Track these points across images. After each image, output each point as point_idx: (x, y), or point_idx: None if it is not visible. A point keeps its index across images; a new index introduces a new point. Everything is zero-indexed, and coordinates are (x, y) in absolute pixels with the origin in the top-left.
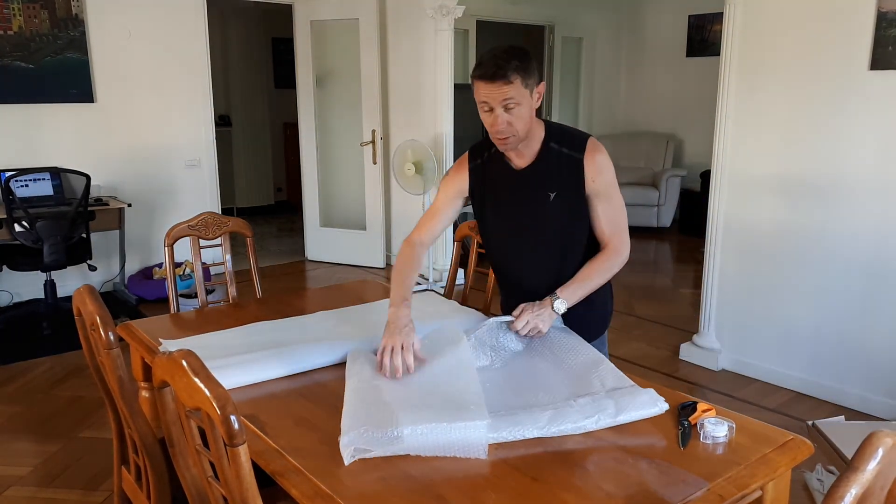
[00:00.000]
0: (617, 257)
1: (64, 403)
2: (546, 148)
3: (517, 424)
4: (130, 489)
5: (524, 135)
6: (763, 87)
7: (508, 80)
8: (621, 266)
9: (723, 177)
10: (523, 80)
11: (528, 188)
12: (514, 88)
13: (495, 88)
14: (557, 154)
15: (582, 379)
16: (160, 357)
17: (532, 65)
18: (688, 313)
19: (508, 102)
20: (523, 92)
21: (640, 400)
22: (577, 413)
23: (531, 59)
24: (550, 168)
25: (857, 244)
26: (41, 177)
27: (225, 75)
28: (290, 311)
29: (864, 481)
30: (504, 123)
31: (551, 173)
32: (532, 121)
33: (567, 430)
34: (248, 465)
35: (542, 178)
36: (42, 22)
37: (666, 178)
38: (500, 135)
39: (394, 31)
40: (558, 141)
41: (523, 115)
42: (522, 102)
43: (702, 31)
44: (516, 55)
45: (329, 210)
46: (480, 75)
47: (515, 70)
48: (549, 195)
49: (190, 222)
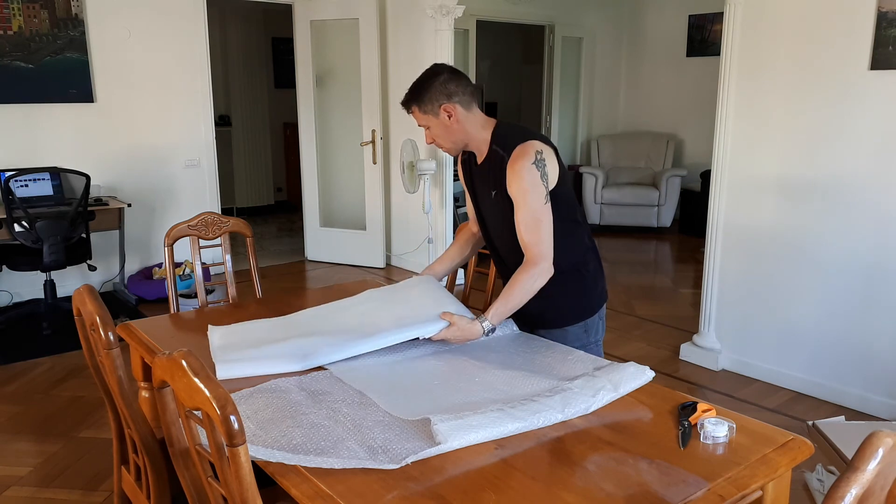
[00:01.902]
0: (533, 269)
1: (64, 403)
2: (491, 149)
3: (535, 413)
4: (130, 489)
5: (452, 146)
6: (763, 87)
7: (409, 110)
8: (544, 276)
9: (723, 177)
10: (420, 108)
11: (481, 184)
12: (417, 116)
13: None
14: (497, 156)
15: (564, 365)
16: (160, 357)
17: (426, 93)
18: (688, 313)
19: (422, 125)
20: (425, 117)
21: (629, 372)
22: (581, 394)
23: (426, 88)
24: (492, 168)
25: (858, 244)
26: (41, 177)
27: (225, 75)
28: (290, 311)
29: (865, 481)
30: (429, 139)
31: (493, 173)
32: (457, 133)
33: (580, 410)
34: (247, 465)
35: (487, 176)
36: (42, 22)
37: (666, 178)
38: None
39: (394, 31)
40: (500, 144)
41: (437, 133)
42: (430, 124)
43: (702, 31)
44: (413, 88)
45: (329, 210)
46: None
47: (409, 102)
48: (492, 193)
49: (190, 222)
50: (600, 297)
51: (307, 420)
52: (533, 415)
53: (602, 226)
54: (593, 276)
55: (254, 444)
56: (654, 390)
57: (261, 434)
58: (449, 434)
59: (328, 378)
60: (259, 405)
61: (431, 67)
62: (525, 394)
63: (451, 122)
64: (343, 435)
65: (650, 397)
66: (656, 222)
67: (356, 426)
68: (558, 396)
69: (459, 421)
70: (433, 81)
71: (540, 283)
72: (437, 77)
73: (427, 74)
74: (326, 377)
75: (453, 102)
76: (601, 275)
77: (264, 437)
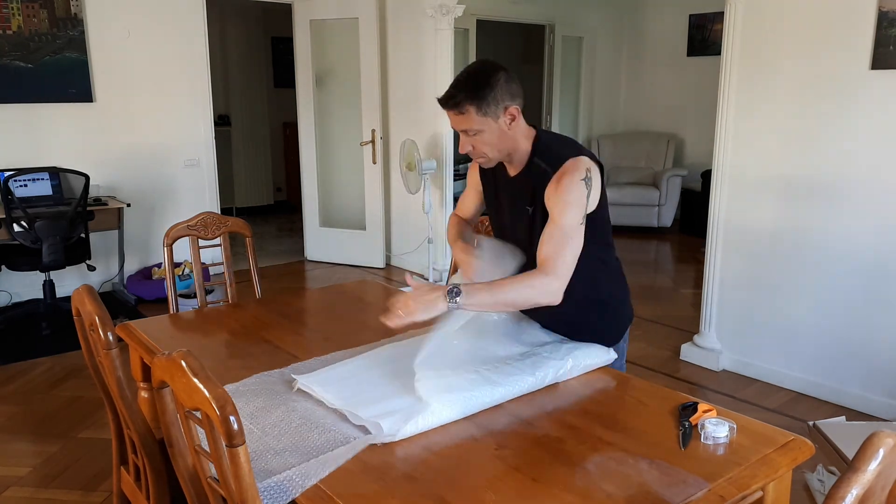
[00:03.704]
0: (543, 278)
1: (63, 403)
2: (530, 162)
3: (509, 376)
4: (129, 489)
5: (498, 156)
6: (764, 87)
7: (461, 110)
8: (547, 294)
9: (723, 176)
10: (479, 109)
11: (514, 198)
12: (469, 118)
13: (453, 116)
14: (539, 170)
15: (533, 332)
16: (159, 357)
17: (491, 92)
18: (688, 313)
19: (468, 130)
20: (481, 120)
21: (594, 349)
22: (550, 358)
23: (490, 86)
24: (532, 183)
25: (858, 244)
26: (40, 177)
27: (224, 75)
28: (289, 311)
29: (865, 482)
30: (468, 146)
31: (531, 188)
32: (511, 140)
33: (549, 376)
34: (247, 466)
35: (524, 191)
36: (41, 21)
37: (666, 178)
38: (471, 155)
39: (394, 30)
40: (542, 156)
41: (488, 140)
42: (484, 129)
43: (702, 31)
44: (471, 84)
45: (329, 210)
46: (440, 101)
47: (467, 101)
48: (528, 209)
49: (189, 222)
50: (628, 320)
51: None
52: (507, 377)
53: None
54: (622, 300)
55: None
56: (654, 390)
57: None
58: (430, 395)
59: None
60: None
61: (485, 63)
62: (498, 357)
63: (511, 127)
64: (331, 421)
65: (650, 397)
66: (657, 222)
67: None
68: (529, 360)
69: (440, 381)
70: (497, 78)
71: (543, 299)
72: (499, 73)
73: (486, 69)
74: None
75: (516, 105)
76: (628, 296)
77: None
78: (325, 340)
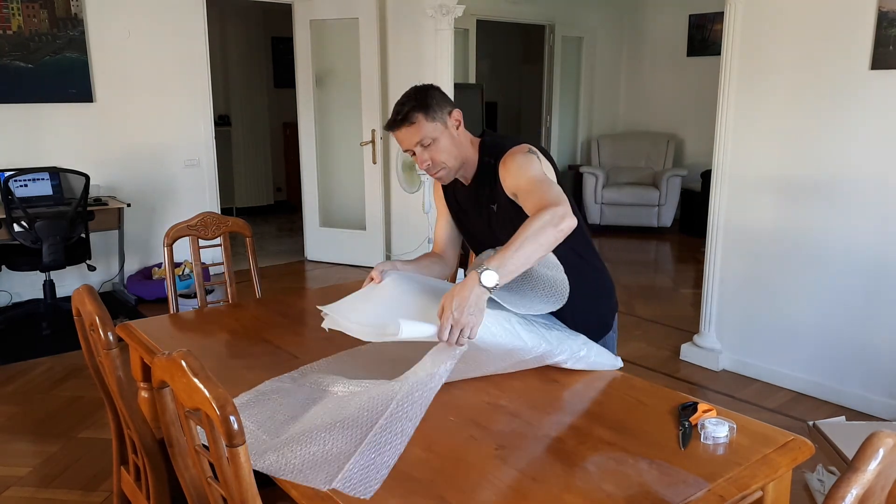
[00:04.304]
0: (543, 211)
1: (63, 403)
2: (481, 163)
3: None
4: (130, 489)
5: (456, 164)
6: (764, 87)
7: (410, 121)
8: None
9: (723, 176)
10: (427, 116)
11: (478, 203)
12: (420, 127)
13: (404, 133)
14: (489, 167)
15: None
16: (159, 357)
17: (433, 99)
18: (688, 313)
19: (423, 140)
20: (432, 126)
21: (604, 352)
22: (572, 341)
23: (431, 95)
24: (488, 182)
25: (858, 244)
26: (40, 177)
27: (225, 75)
28: (289, 311)
29: (865, 482)
30: (427, 161)
31: (488, 187)
32: (462, 146)
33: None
34: (247, 466)
35: (483, 192)
36: (41, 21)
37: (666, 178)
38: (430, 171)
39: (394, 30)
40: (489, 153)
41: (444, 146)
42: (437, 136)
43: (702, 31)
44: (413, 97)
45: (329, 210)
46: (388, 126)
47: (413, 110)
48: (493, 208)
49: (189, 222)
50: (613, 311)
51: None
52: (532, 335)
53: (602, 226)
54: (607, 291)
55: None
56: (654, 390)
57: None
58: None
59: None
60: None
61: (417, 86)
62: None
63: (459, 132)
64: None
65: (650, 397)
66: (657, 222)
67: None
68: (554, 333)
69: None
70: (434, 90)
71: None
72: (434, 88)
73: (420, 87)
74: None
75: (458, 110)
76: (613, 288)
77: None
78: (325, 340)
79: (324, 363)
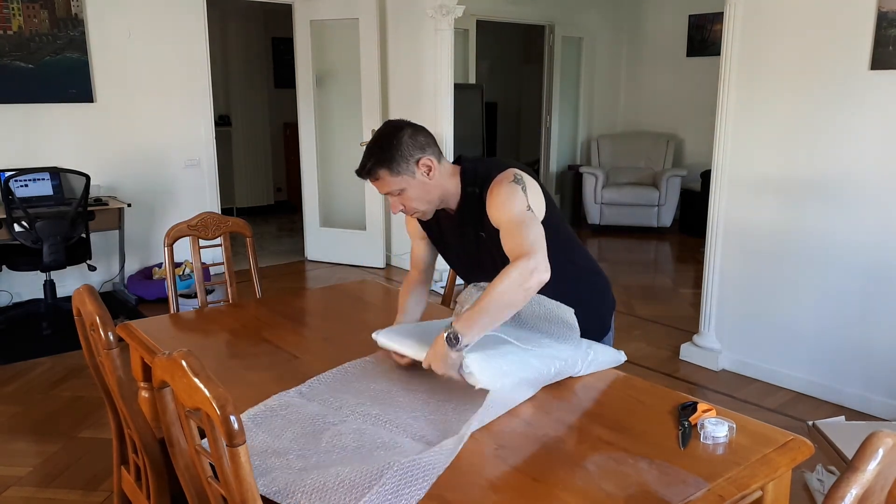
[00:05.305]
0: (518, 263)
1: (64, 403)
2: (465, 194)
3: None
4: (130, 489)
5: (429, 207)
6: (763, 87)
7: (374, 177)
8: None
9: (723, 176)
10: (391, 171)
11: (463, 233)
12: (385, 181)
13: (373, 182)
14: (474, 196)
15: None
16: (160, 357)
17: (398, 150)
18: (688, 313)
19: (391, 192)
20: (397, 180)
21: (608, 350)
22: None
23: (397, 146)
24: (473, 210)
25: (858, 244)
26: (41, 177)
27: (225, 75)
28: (289, 311)
29: (865, 481)
30: (398, 207)
31: (474, 215)
32: (437, 188)
33: (577, 364)
34: (247, 466)
35: (468, 221)
36: (42, 22)
37: (666, 178)
38: (407, 213)
39: (394, 30)
40: (472, 183)
41: (414, 195)
42: (405, 186)
43: (702, 31)
44: (377, 149)
45: (329, 210)
46: (357, 173)
47: (376, 166)
48: (481, 235)
49: (189, 222)
50: (611, 310)
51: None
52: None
53: (602, 226)
54: (602, 291)
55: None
56: (654, 390)
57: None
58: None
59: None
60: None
61: (388, 124)
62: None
63: (431, 177)
64: (393, 437)
65: (650, 397)
66: (656, 222)
67: (397, 425)
68: (562, 346)
69: (488, 361)
70: (401, 136)
71: (531, 280)
72: (403, 131)
73: (388, 131)
74: (320, 382)
75: (428, 155)
76: (608, 287)
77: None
78: (325, 340)
79: (330, 376)
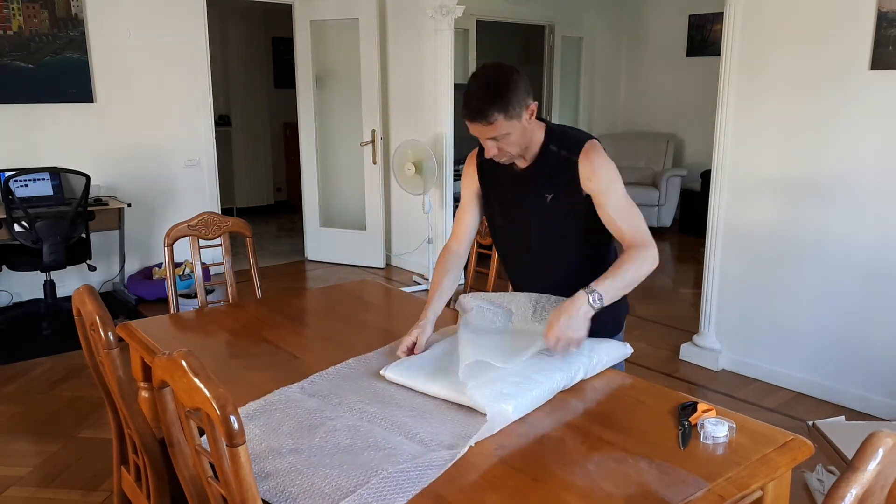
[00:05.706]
0: (644, 251)
1: (64, 403)
2: (545, 150)
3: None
4: (130, 489)
5: (519, 151)
6: (763, 87)
7: (489, 121)
8: (652, 261)
9: (723, 177)
10: (507, 116)
11: (528, 189)
12: (497, 126)
13: (480, 128)
14: (555, 156)
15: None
16: (160, 357)
17: (514, 96)
18: (688, 313)
19: (497, 136)
20: (509, 124)
21: (612, 346)
22: (581, 356)
23: (513, 89)
24: (548, 170)
25: (858, 244)
26: (41, 177)
27: (225, 75)
28: (289, 311)
29: (865, 481)
30: (494, 151)
31: (549, 175)
32: (528, 135)
33: (580, 373)
34: (247, 466)
35: (541, 179)
36: (42, 22)
37: (666, 178)
38: (495, 158)
39: (394, 31)
40: (557, 143)
41: (514, 140)
42: (511, 131)
43: (702, 31)
44: (495, 94)
45: (329, 210)
46: (465, 115)
47: (495, 111)
48: (547, 196)
49: (189, 222)
50: (625, 311)
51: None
52: (544, 375)
53: None
54: None
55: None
56: (654, 390)
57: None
58: (486, 404)
59: (327, 379)
60: (276, 421)
61: (497, 67)
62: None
63: (531, 121)
64: (386, 436)
65: (650, 397)
66: (656, 222)
67: (393, 423)
68: (563, 358)
69: (491, 387)
70: (516, 80)
71: (648, 267)
72: (516, 74)
73: (504, 74)
74: (323, 378)
75: (533, 100)
76: None
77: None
78: (325, 340)
79: (333, 372)
